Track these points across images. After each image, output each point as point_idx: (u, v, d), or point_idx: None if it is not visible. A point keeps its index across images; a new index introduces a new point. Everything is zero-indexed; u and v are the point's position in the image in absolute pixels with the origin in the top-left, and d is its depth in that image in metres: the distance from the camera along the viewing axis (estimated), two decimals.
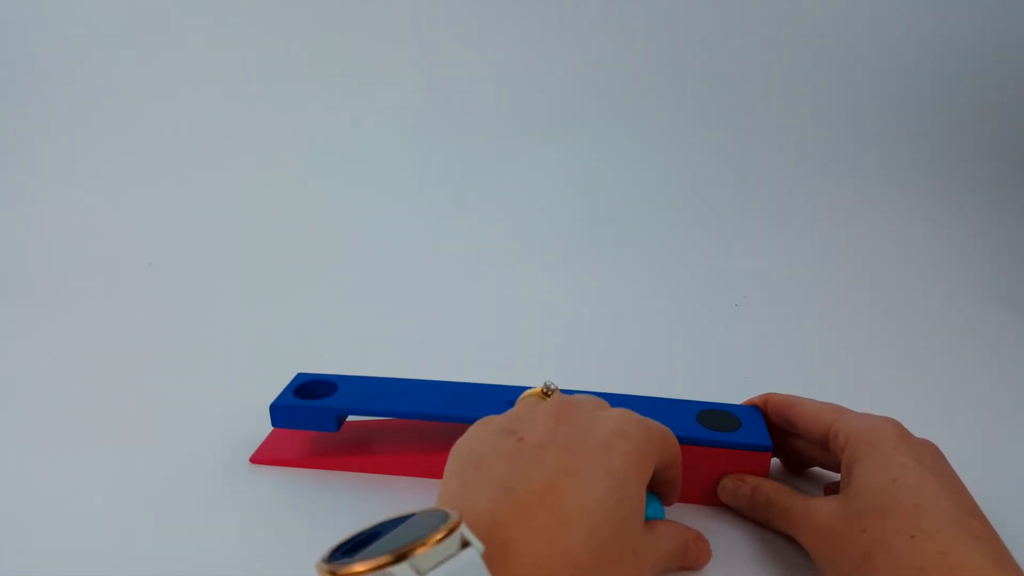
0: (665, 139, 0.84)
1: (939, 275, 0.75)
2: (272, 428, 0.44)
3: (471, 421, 0.40)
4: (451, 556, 0.22)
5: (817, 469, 0.42)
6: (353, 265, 0.76)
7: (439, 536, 0.22)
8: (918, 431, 0.35)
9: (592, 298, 0.72)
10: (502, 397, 0.42)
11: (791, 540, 0.36)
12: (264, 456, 0.43)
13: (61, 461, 0.43)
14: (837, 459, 0.36)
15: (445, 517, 0.23)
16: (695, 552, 0.34)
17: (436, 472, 0.41)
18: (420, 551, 0.21)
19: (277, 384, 0.44)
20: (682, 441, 0.38)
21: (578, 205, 0.83)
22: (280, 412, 0.41)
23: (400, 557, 0.21)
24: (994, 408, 0.52)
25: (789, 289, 0.73)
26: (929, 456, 0.33)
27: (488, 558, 0.23)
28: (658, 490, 0.35)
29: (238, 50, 0.83)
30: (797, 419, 0.39)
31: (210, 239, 0.79)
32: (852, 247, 0.79)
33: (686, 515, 0.39)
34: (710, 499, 0.39)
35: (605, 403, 0.34)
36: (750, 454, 0.38)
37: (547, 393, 0.36)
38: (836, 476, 0.38)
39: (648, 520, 0.31)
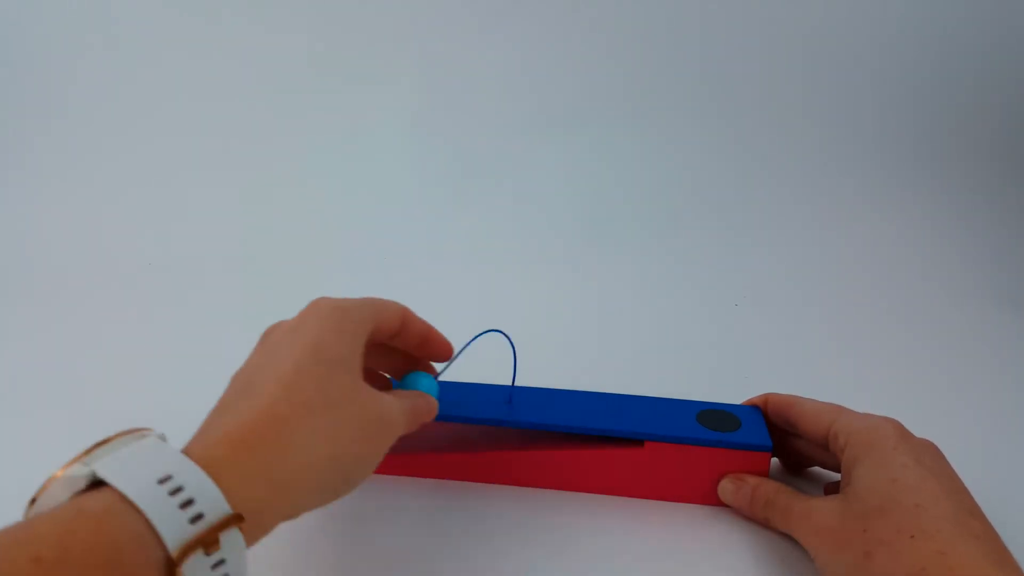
0: (665, 139, 0.84)
1: (939, 275, 0.75)
2: None
3: (471, 421, 0.40)
4: (125, 445, 0.24)
5: (817, 469, 0.42)
6: (353, 265, 0.76)
7: (104, 442, 0.24)
8: (918, 431, 0.35)
9: (592, 298, 0.72)
10: (502, 396, 0.42)
11: (791, 540, 0.36)
12: None
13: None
14: (837, 459, 0.36)
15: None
16: (425, 408, 0.35)
17: (436, 472, 0.42)
18: (92, 452, 0.24)
19: None
20: (682, 441, 0.38)
21: (578, 205, 0.83)
22: None
23: (72, 462, 0.23)
24: (994, 408, 0.52)
25: (789, 289, 0.73)
26: (929, 456, 0.33)
27: (187, 448, 0.25)
28: (419, 354, 0.38)
29: (238, 51, 0.83)
30: (797, 419, 0.39)
31: (210, 239, 0.79)
32: (852, 247, 0.79)
33: (686, 515, 0.39)
34: (710, 499, 0.39)
35: None
36: (750, 454, 0.38)
37: None
38: (836, 476, 0.38)
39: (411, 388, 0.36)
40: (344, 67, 0.84)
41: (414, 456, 0.42)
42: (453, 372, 0.45)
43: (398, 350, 0.38)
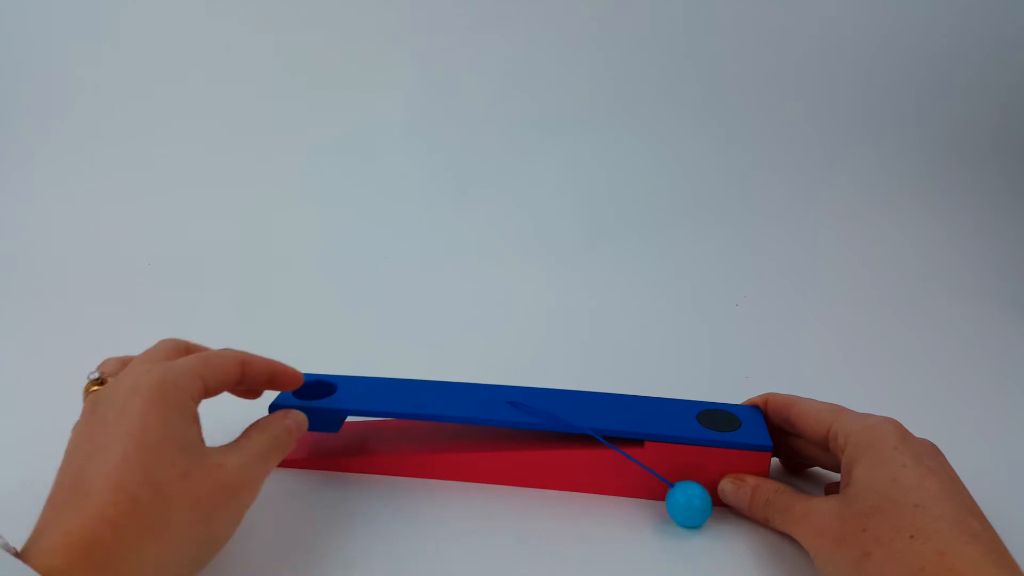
0: (665, 140, 0.84)
1: (939, 275, 0.75)
2: None
3: (471, 421, 0.40)
4: None
5: (817, 469, 0.42)
6: (353, 266, 0.76)
7: None
8: (918, 431, 0.35)
9: (592, 299, 0.72)
10: (502, 397, 0.42)
11: (791, 540, 0.36)
12: None
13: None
14: (837, 459, 0.36)
15: None
16: (295, 428, 0.36)
17: (436, 472, 0.42)
18: None
19: None
20: (682, 441, 0.38)
21: (577, 206, 0.83)
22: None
23: None
24: (994, 408, 0.52)
25: (789, 289, 0.73)
26: (929, 456, 0.33)
27: (23, 555, 0.25)
28: (269, 388, 0.38)
29: (238, 54, 0.83)
30: (797, 419, 0.39)
31: (210, 240, 0.79)
32: (852, 247, 0.79)
33: None
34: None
35: (150, 361, 0.34)
36: (750, 454, 0.38)
37: (99, 381, 0.36)
38: (836, 476, 0.38)
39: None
40: (343, 69, 0.84)
41: (414, 457, 0.42)
42: (451, 374, 0.45)
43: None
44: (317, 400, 0.41)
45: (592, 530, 0.38)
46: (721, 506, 0.39)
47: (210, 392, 0.34)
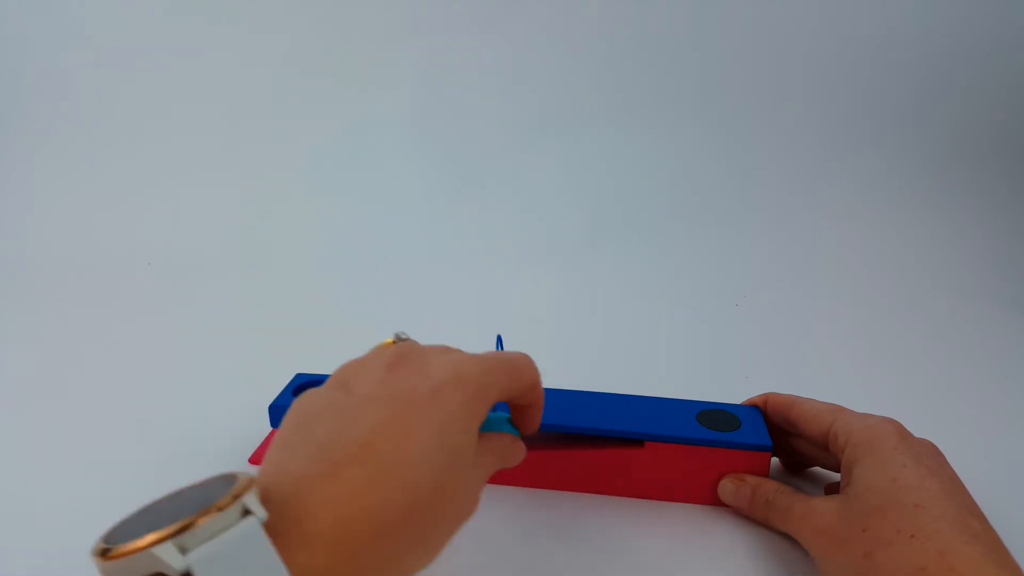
0: (665, 140, 0.84)
1: (939, 275, 0.75)
2: (271, 428, 0.43)
3: None
4: (226, 528, 0.20)
5: (817, 469, 0.42)
6: (352, 266, 0.76)
7: (213, 510, 0.20)
8: (918, 431, 0.35)
9: (592, 298, 0.72)
10: None
11: (791, 540, 0.36)
12: (263, 456, 0.43)
13: (59, 461, 0.43)
14: (837, 459, 0.36)
15: (232, 483, 0.21)
16: (511, 453, 0.32)
17: None
18: (196, 525, 0.20)
19: (276, 384, 0.44)
20: (682, 441, 0.38)
21: (578, 206, 0.83)
22: (279, 412, 0.41)
23: (168, 535, 0.19)
24: (994, 408, 0.52)
25: (789, 289, 0.73)
26: (929, 456, 0.33)
27: (281, 523, 0.22)
28: (516, 417, 0.33)
29: (238, 53, 0.83)
30: (797, 419, 0.39)
31: (210, 240, 0.79)
32: (852, 247, 0.79)
33: (686, 515, 0.39)
34: (710, 499, 0.39)
35: (456, 349, 0.32)
36: (750, 454, 0.38)
37: (400, 340, 0.33)
38: (836, 476, 0.38)
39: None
40: (343, 70, 0.84)
41: None
42: None
43: None
44: None
45: (591, 529, 0.38)
46: (721, 506, 0.39)
47: (497, 400, 0.29)
